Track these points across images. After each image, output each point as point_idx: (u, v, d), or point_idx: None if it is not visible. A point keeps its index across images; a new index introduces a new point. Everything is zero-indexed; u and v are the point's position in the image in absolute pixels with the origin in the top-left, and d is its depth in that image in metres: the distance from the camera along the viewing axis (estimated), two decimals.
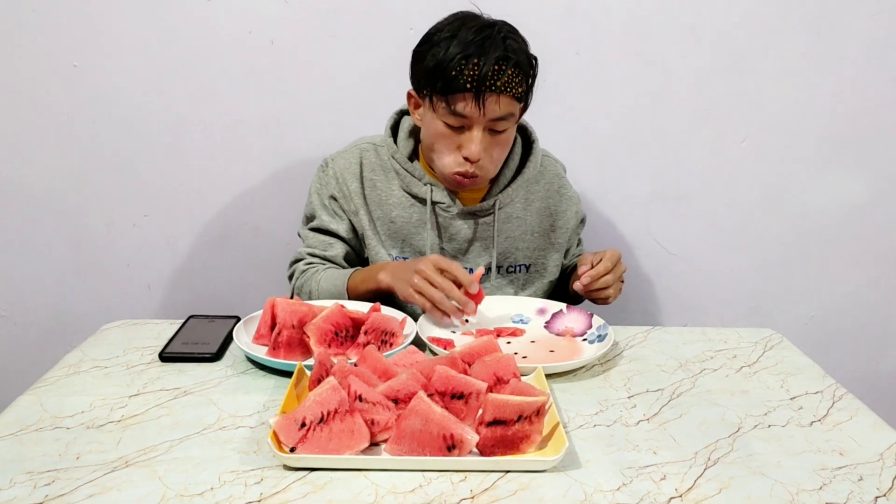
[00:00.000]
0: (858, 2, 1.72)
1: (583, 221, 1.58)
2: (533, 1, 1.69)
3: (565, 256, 1.55)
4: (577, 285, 1.31)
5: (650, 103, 1.79)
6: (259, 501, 0.80)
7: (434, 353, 1.16)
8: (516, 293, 1.49)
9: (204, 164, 1.80)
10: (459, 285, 1.22)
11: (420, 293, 1.23)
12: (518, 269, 1.49)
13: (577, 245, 1.60)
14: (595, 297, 1.34)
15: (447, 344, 1.19)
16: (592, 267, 1.30)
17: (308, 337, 1.12)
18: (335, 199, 1.45)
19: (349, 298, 1.35)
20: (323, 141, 1.78)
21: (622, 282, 1.35)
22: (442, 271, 1.22)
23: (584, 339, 1.25)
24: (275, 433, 0.86)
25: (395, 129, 1.46)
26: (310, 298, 1.39)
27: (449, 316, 1.24)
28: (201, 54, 1.71)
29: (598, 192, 1.85)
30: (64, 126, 1.75)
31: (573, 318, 1.31)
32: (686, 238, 1.90)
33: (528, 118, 1.40)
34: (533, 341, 1.25)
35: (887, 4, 1.72)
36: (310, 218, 1.49)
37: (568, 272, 1.54)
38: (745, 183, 1.86)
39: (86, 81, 1.72)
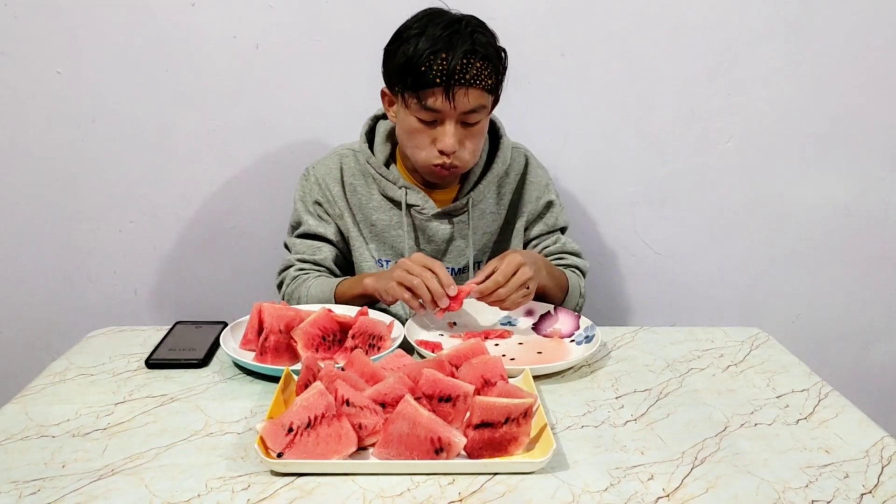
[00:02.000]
0: (841, 1, 1.73)
1: (550, 205, 1.52)
2: (517, 2, 1.70)
3: (534, 245, 1.52)
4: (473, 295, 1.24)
5: (635, 104, 1.80)
6: None
7: (421, 357, 1.16)
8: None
9: (189, 169, 1.79)
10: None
11: (400, 283, 1.22)
12: None
13: (551, 235, 1.53)
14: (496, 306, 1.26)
15: (435, 347, 1.20)
16: (488, 277, 1.22)
17: (295, 342, 1.12)
18: (320, 203, 1.47)
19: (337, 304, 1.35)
20: (308, 145, 1.78)
21: (527, 287, 1.23)
22: (426, 267, 1.21)
23: (572, 341, 1.25)
24: (262, 439, 0.86)
25: (372, 135, 1.47)
26: (299, 305, 1.39)
27: (424, 307, 1.22)
28: (186, 59, 1.71)
29: (584, 192, 1.86)
30: (48, 132, 1.74)
31: (561, 320, 1.31)
32: (672, 238, 1.91)
33: (514, 119, 1.41)
34: (521, 343, 1.25)
35: (869, 3, 1.73)
36: (295, 226, 1.50)
37: None
38: (731, 183, 1.87)
39: (70, 88, 1.71)
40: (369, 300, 1.33)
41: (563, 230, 1.56)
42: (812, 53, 1.77)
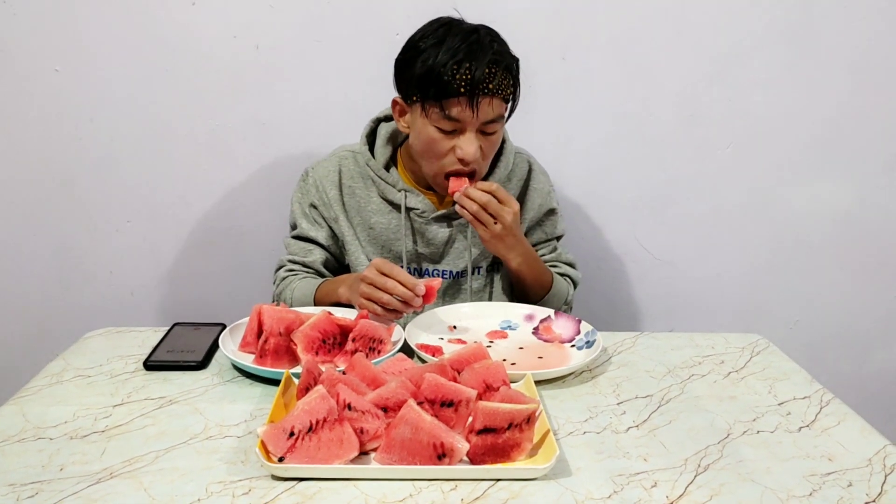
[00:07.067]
0: (842, 8, 1.73)
1: (551, 213, 1.53)
2: (519, 5, 1.69)
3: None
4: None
5: (636, 109, 1.80)
6: None
7: (423, 361, 1.15)
8: (484, 287, 1.51)
9: (188, 169, 1.78)
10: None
11: (369, 299, 1.22)
12: (495, 266, 1.51)
13: (548, 243, 1.55)
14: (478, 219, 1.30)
15: (436, 351, 1.19)
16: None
17: (295, 344, 1.11)
18: (315, 206, 1.47)
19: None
20: (307, 146, 1.77)
21: (495, 223, 1.30)
22: (385, 275, 1.21)
23: (573, 346, 1.25)
24: (263, 443, 0.85)
25: (373, 137, 1.47)
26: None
27: (400, 314, 1.23)
28: (185, 59, 1.70)
29: (584, 197, 1.85)
30: (46, 131, 1.73)
31: (561, 325, 1.30)
32: (672, 243, 1.91)
33: (514, 123, 1.40)
34: (521, 347, 1.25)
35: (871, 10, 1.73)
36: (292, 227, 1.51)
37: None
38: (730, 188, 1.87)
39: (68, 86, 1.70)
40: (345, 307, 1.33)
41: (559, 238, 1.57)
42: (812, 60, 1.77)
